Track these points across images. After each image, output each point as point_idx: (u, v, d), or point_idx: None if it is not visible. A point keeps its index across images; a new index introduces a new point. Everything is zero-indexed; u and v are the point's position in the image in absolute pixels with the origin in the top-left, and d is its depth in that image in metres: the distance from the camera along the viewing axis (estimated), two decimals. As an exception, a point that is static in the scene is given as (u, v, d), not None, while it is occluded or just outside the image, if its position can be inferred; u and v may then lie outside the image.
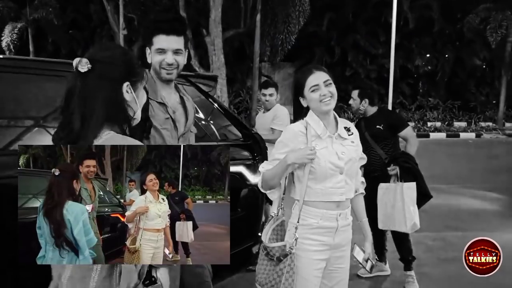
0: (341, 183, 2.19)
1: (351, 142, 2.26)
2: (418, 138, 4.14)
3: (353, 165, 2.23)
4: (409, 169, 3.73)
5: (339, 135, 2.23)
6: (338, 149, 2.20)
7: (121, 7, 16.41)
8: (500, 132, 17.72)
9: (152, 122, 2.16)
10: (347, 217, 2.24)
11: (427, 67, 20.43)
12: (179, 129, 2.31)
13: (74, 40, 21.02)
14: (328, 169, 2.16)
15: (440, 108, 19.73)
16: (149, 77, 2.26)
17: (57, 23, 19.38)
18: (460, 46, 20.51)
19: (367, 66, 20.07)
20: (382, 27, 19.51)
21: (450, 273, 4.18)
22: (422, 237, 5.13)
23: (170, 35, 2.19)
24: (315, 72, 2.20)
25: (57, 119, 1.78)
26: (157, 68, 2.25)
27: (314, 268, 2.18)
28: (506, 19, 17.51)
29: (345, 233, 2.25)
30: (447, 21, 19.86)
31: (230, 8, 15.90)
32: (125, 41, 17.11)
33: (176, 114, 2.31)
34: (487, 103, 20.80)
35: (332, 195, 2.19)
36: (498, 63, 20.03)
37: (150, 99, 2.20)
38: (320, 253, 2.20)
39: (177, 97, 2.38)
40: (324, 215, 2.18)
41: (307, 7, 16.81)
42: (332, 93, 2.17)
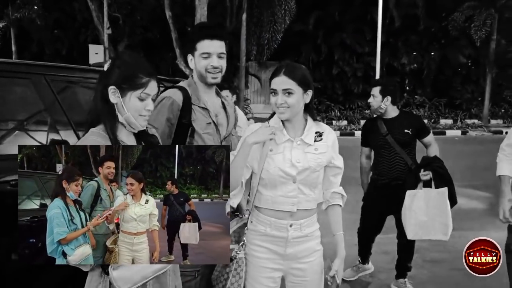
0: (293, 192, 2.06)
1: (314, 149, 2.09)
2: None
3: (311, 175, 2.07)
4: (442, 175, 3.54)
5: (302, 140, 2.08)
6: (295, 156, 2.06)
7: (106, 6, 16.21)
8: (486, 129, 17.89)
9: (195, 127, 2.27)
10: (303, 228, 2.09)
11: (413, 65, 20.52)
12: (222, 132, 2.39)
13: (58, 40, 20.73)
14: (278, 177, 2.05)
15: (427, 105, 19.86)
16: (191, 83, 2.39)
17: (41, 22, 19.10)
18: (446, 44, 20.65)
19: (353, 65, 20.09)
20: (368, 25, 19.56)
21: (436, 275, 4.17)
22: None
23: (214, 40, 2.29)
24: (280, 76, 2.04)
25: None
26: (203, 72, 2.32)
27: (263, 276, 2.11)
28: (490, 17, 17.67)
29: (301, 244, 2.10)
30: (433, 19, 19.99)
31: (216, 7, 15.82)
32: (110, 41, 16.91)
33: (218, 118, 2.39)
34: (472, 100, 20.98)
35: (282, 204, 2.07)
36: (483, 60, 20.22)
37: (193, 104, 2.30)
38: (270, 262, 2.11)
39: (219, 101, 2.46)
40: (273, 223, 2.08)
41: (293, 5, 16.79)
42: (288, 104, 2.02)
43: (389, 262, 4.27)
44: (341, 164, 2.20)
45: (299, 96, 2.04)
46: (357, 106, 19.88)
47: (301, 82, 2.03)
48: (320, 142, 2.11)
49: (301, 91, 2.04)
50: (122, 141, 1.76)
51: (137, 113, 1.71)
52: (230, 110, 2.50)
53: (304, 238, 2.10)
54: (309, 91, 2.07)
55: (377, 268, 4.25)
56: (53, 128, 2.67)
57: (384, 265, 4.32)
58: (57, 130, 2.67)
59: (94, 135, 1.72)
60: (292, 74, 2.03)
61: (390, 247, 4.69)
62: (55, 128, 2.67)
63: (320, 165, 2.10)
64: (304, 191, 2.08)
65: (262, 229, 2.10)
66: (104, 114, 1.71)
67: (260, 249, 2.10)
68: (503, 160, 2.95)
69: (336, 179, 2.21)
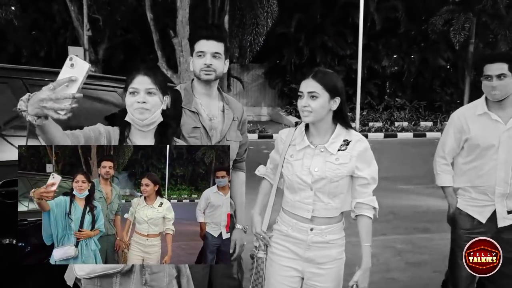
0: (309, 199, 2.09)
1: (335, 159, 2.06)
2: (385, 139, 4.06)
3: (329, 184, 2.06)
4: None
5: (325, 148, 2.08)
6: (314, 164, 2.07)
7: (85, 7, 16.01)
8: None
9: (181, 130, 2.32)
10: (324, 234, 2.10)
11: (393, 67, 20.73)
12: (214, 136, 2.40)
13: (36, 41, 20.32)
14: (295, 183, 2.10)
15: (407, 108, 20.07)
16: (188, 86, 2.46)
17: (18, 23, 18.68)
18: (425, 47, 20.91)
19: (335, 67, 20.17)
20: (349, 28, 19.70)
21: (420, 278, 4.18)
22: (390, 241, 5.14)
23: (209, 40, 2.36)
24: (307, 79, 2.06)
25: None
26: (197, 71, 2.38)
27: (283, 275, 2.15)
28: (469, 21, 17.96)
29: (321, 250, 2.12)
30: (412, 23, 20.23)
31: (198, 9, 15.73)
32: (90, 43, 16.69)
33: (213, 121, 2.42)
34: (451, 103, 21.26)
35: (299, 209, 2.12)
36: (461, 63, 20.54)
37: (183, 107, 2.36)
38: (289, 261, 2.14)
39: (220, 105, 2.49)
40: (294, 225, 2.13)
41: (275, 8, 16.79)
42: (312, 108, 2.02)
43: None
44: (368, 174, 2.11)
45: (324, 101, 2.04)
46: (339, 108, 19.96)
47: (328, 88, 2.03)
48: (344, 151, 2.08)
49: (327, 97, 2.04)
50: (132, 140, 1.90)
51: (132, 108, 1.83)
52: (227, 115, 2.48)
53: (325, 244, 2.11)
54: (336, 98, 2.06)
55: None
56: (32, 133, 2.57)
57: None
58: (36, 136, 2.57)
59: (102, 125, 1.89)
60: (319, 79, 2.04)
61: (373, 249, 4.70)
62: (34, 134, 2.58)
63: (339, 176, 2.07)
64: (322, 199, 2.08)
65: (284, 229, 2.16)
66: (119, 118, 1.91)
67: (282, 248, 2.16)
68: (444, 171, 2.92)
69: (364, 189, 2.13)
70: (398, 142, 15.10)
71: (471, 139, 2.76)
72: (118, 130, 1.90)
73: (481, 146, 2.73)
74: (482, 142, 2.73)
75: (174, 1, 13.68)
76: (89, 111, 2.84)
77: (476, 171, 2.78)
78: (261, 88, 21.04)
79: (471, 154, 2.79)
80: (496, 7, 17.84)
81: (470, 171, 2.81)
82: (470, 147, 2.79)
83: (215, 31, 2.41)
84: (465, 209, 2.82)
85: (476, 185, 2.78)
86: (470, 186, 2.81)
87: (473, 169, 2.79)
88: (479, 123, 2.75)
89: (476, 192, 2.78)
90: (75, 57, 1.51)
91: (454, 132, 2.85)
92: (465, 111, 2.87)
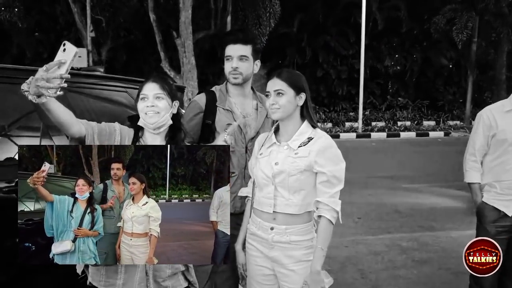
0: (270, 194, 2.13)
1: (295, 153, 2.10)
2: (388, 138, 4.08)
3: (288, 178, 2.08)
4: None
5: (288, 145, 2.13)
6: (276, 159, 2.13)
7: (89, 8, 16.06)
8: (468, 130, 18.11)
9: (216, 127, 2.43)
10: (287, 234, 2.10)
11: (396, 67, 20.75)
12: (249, 133, 2.50)
13: (40, 43, 20.41)
14: (260, 178, 2.17)
15: (410, 107, 20.07)
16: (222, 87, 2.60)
17: (22, 25, 18.78)
18: (428, 46, 20.91)
19: (337, 67, 20.23)
20: (351, 28, 19.72)
21: (426, 275, 4.20)
22: (396, 239, 5.16)
23: (236, 44, 2.45)
24: (273, 78, 2.16)
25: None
26: (227, 74, 2.50)
27: (257, 274, 2.21)
28: (471, 20, 17.93)
29: (284, 250, 2.11)
30: (415, 22, 20.22)
31: (200, 10, 15.78)
32: (93, 44, 16.75)
33: (247, 119, 2.52)
34: (454, 102, 21.27)
35: (263, 204, 2.17)
36: (464, 62, 20.52)
37: (218, 106, 2.50)
38: (260, 260, 2.19)
39: (253, 103, 2.60)
40: (259, 224, 2.18)
41: (278, 8, 16.82)
42: (279, 105, 2.10)
43: (378, 262, 4.30)
44: (329, 171, 2.06)
45: (291, 98, 2.12)
46: (341, 108, 20.02)
47: (292, 84, 2.13)
48: (304, 147, 2.11)
49: (293, 93, 2.12)
50: (145, 142, 2.02)
51: (143, 112, 1.96)
52: (261, 112, 2.59)
53: (287, 245, 2.11)
54: (302, 94, 2.14)
55: (367, 269, 4.26)
56: (45, 134, 2.60)
57: (373, 265, 4.35)
58: (49, 136, 2.60)
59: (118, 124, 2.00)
60: (284, 77, 2.14)
61: (379, 248, 4.74)
62: (47, 134, 2.61)
63: (297, 169, 2.08)
64: (283, 195, 2.11)
65: (252, 228, 2.22)
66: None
67: (252, 247, 2.22)
68: (473, 168, 2.98)
69: (324, 188, 2.07)
70: (401, 141, 15.10)
71: (499, 134, 2.85)
72: (133, 131, 2.01)
73: (508, 141, 2.81)
74: (509, 137, 2.81)
75: (176, 2, 13.74)
76: (98, 111, 2.86)
77: (503, 166, 2.84)
78: (264, 89, 20.69)
79: (498, 150, 2.87)
80: (498, 6, 17.81)
81: (496, 167, 2.88)
82: (497, 142, 2.86)
83: (240, 34, 2.49)
84: (492, 203, 2.87)
85: (502, 180, 2.85)
86: (496, 181, 2.87)
87: (499, 165, 2.86)
88: (507, 118, 2.85)
89: (502, 187, 2.84)
90: (67, 43, 1.68)
91: (483, 130, 2.92)
92: (492, 108, 2.97)
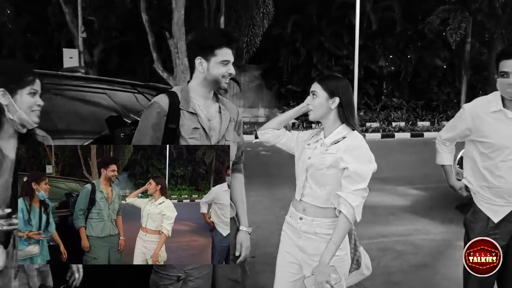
0: (303, 183, 2.29)
1: (325, 150, 2.24)
2: (383, 139, 4.01)
3: (316, 172, 2.23)
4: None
5: (324, 142, 2.28)
6: (311, 154, 2.29)
7: (80, 9, 15.91)
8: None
9: (181, 131, 2.29)
10: (313, 226, 2.23)
11: (390, 67, 20.72)
12: (214, 137, 2.40)
13: (31, 44, 20.21)
14: (299, 168, 2.34)
15: (404, 108, 20.05)
16: (184, 88, 2.42)
17: (12, 26, 18.60)
18: (422, 46, 20.92)
19: (332, 67, 20.17)
20: (346, 28, 19.70)
21: (423, 280, 4.11)
22: (391, 243, 5.06)
23: (232, 49, 2.39)
24: (315, 82, 2.31)
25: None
26: (219, 78, 2.36)
27: (282, 258, 2.37)
28: (465, 20, 17.97)
29: (310, 241, 2.25)
30: (409, 22, 20.24)
31: (193, 11, 15.68)
32: (85, 45, 16.59)
33: (212, 122, 2.42)
34: (448, 102, 21.29)
35: (296, 193, 2.34)
36: (458, 63, 20.56)
37: (181, 109, 2.33)
38: (288, 246, 2.34)
39: (217, 106, 2.49)
40: (292, 213, 2.35)
41: (271, 9, 16.75)
42: (312, 106, 2.28)
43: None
44: (352, 167, 2.11)
45: (322, 100, 2.25)
46: (336, 108, 19.93)
47: (326, 87, 2.25)
48: (336, 144, 2.23)
49: (325, 96, 2.25)
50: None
51: (29, 109, 1.86)
52: (225, 115, 2.49)
53: (313, 236, 2.24)
54: (335, 98, 2.24)
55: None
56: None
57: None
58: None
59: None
60: (320, 79, 2.30)
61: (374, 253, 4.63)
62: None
63: (324, 164, 2.21)
64: (311, 186, 2.26)
65: (287, 217, 2.40)
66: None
67: (285, 234, 2.39)
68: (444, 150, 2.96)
69: (345, 182, 2.14)
70: (395, 142, 15.08)
71: (485, 137, 2.62)
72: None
73: (495, 145, 2.58)
74: (496, 141, 2.57)
75: (169, 2, 13.62)
76: (78, 113, 2.78)
77: (493, 171, 2.61)
78: (258, 90, 21.00)
79: (484, 153, 2.63)
80: (492, 6, 17.85)
81: (485, 170, 2.65)
82: (484, 146, 2.63)
83: (234, 38, 2.45)
84: (480, 206, 2.67)
85: (491, 186, 2.62)
86: (487, 186, 2.65)
87: (489, 168, 2.64)
88: (493, 120, 2.60)
89: (492, 194, 2.62)
90: None
91: (460, 125, 2.74)
92: (477, 105, 2.70)
